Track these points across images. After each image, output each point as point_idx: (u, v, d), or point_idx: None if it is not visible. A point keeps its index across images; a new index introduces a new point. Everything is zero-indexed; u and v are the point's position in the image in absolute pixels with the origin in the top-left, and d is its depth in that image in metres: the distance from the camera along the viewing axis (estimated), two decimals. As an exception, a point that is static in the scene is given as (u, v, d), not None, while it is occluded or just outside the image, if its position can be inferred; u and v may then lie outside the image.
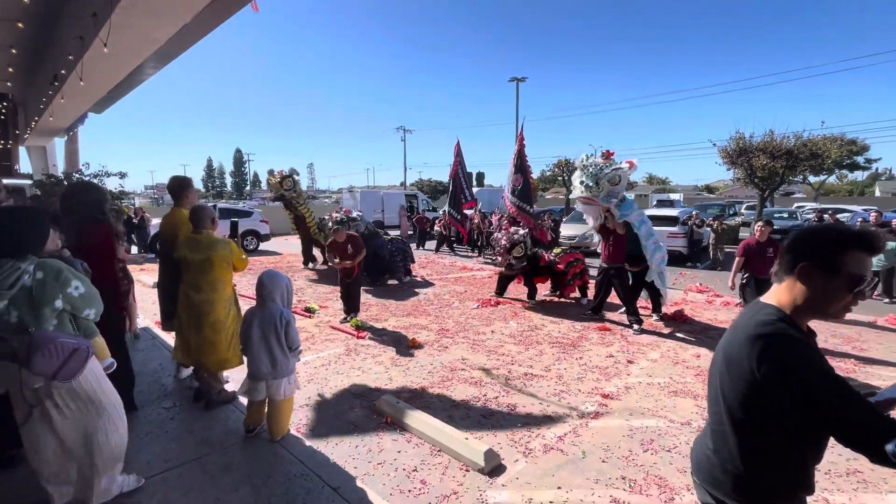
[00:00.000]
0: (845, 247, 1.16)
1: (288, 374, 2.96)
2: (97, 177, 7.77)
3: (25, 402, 2.07)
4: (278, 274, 3.05)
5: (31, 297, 2.03)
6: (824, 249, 1.18)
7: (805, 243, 1.22)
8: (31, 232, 2.12)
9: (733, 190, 44.09)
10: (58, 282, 2.09)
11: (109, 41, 4.71)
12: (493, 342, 5.36)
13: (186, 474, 2.60)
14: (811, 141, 14.48)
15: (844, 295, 1.17)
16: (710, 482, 1.32)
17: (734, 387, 1.23)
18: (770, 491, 1.24)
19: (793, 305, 1.23)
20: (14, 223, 2.07)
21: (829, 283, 1.17)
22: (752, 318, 1.26)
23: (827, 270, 1.17)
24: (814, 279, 1.18)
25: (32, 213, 2.24)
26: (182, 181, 3.77)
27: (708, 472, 1.33)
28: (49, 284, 2.06)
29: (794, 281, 1.22)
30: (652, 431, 3.35)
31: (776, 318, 1.21)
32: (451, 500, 2.55)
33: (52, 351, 1.97)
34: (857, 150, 28.15)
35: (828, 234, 1.20)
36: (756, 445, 1.23)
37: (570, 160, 24.26)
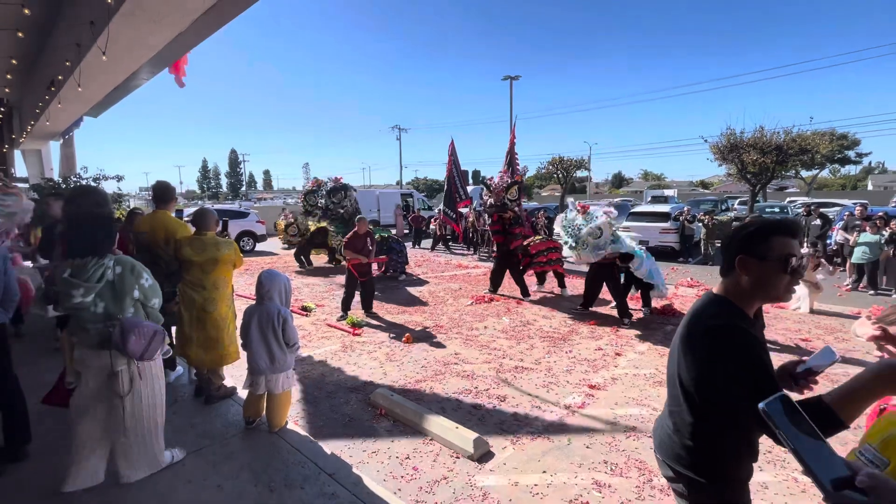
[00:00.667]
0: (768, 234, 1.31)
1: (286, 370, 3.09)
2: (95, 180, 7.87)
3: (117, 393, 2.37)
4: (277, 273, 3.18)
5: (113, 289, 2.36)
6: (751, 240, 1.33)
7: (736, 238, 1.38)
8: (107, 233, 2.45)
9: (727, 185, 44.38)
10: (133, 274, 2.43)
11: (107, 48, 4.82)
12: (485, 337, 5.51)
13: (189, 464, 2.73)
14: (800, 136, 14.67)
15: (781, 276, 1.32)
16: (672, 458, 1.47)
17: (688, 371, 1.38)
18: (723, 462, 1.40)
19: (739, 294, 1.38)
20: (94, 226, 2.39)
21: (764, 269, 1.32)
22: (704, 309, 1.41)
23: (758, 258, 1.32)
24: (750, 267, 1.33)
25: (105, 216, 2.58)
26: (168, 186, 3.91)
27: (669, 449, 1.48)
28: (127, 277, 2.39)
29: (737, 273, 1.37)
30: (635, 419, 3.51)
31: (723, 308, 1.36)
32: (442, 485, 2.70)
33: (140, 333, 2.31)
34: (847, 144, 28.46)
35: (752, 227, 1.36)
36: (708, 423, 1.38)
37: (565, 157, 24.39)
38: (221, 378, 3.68)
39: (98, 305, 2.33)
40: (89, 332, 2.34)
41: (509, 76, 28.07)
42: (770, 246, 1.30)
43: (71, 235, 2.39)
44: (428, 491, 2.64)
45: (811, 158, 15.87)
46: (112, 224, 2.54)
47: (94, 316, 2.32)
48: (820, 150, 15.47)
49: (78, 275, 2.29)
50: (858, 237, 8.57)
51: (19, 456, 2.69)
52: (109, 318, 2.35)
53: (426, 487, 2.67)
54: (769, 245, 1.30)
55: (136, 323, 2.34)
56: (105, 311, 2.34)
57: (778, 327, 5.89)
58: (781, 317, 6.39)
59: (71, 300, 2.27)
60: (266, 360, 3.00)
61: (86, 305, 2.29)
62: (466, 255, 13.47)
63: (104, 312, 2.34)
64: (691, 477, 1.41)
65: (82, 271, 2.30)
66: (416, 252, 13.62)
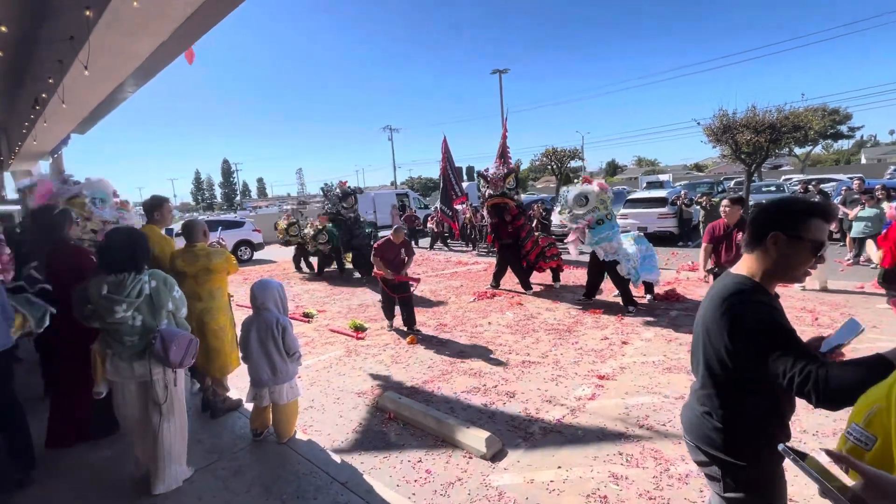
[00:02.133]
0: (809, 216, 1.30)
1: (289, 380, 3.04)
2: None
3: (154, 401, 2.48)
4: (269, 282, 3.11)
5: (151, 303, 2.48)
6: (791, 219, 1.31)
7: (774, 214, 1.36)
8: (143, 249, 2.56)
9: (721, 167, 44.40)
10: (167, 287, 2.55)
11: (89, 63, 4.73)
12: (490, 333, 5.46)
13: (198, 481, 2.67)
14: (793, 113, 14.57)
15: (809, 258, 1.31)
16: (704, 441, 1.44)
17: (714, 350, 1.36)
18: (756, 442, 1.37)
19: (762, 272, 1.37)
20: (131, 243, 2.50)
21: (795, 248, 1.31)
22: (724, 287, 1.39)
23: (794, 237, 1.30)
24: (781, 245, 1.32)
25: (139, 233, 2.67)
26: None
27: (700, 432, 1.46)
28: (162, 290, 2.51)
29: (764, 249, 1.34)
30: (647, 408, 3.46)
31: (746, 285, 1.35)
32: (456, 486, 2.65)
33: (179, 343, 2.43)
34: (839, 119, 28.46)
35: (795, 205, 1.33)
36: (739, 402, 1.36)
37: (558, 148, 24.31)
38: (226, 390, 3.63)
39: (136, 319, 2.43)
40: (125, 344, 2.43)
41: (498, 70, 27.93)
42: (808, 227, 1.29)
43: (108, 252, 2.46)
44: (443, 494, 2.60)
45: (804, 135, 15.78)
46: (146, 240, 2.61)
47: (132, 329, 2.43)
48: (813, 126, 15.38)
49: (117, 291, 2.38)
50: (858, 212, 8.55)
51: (24, 482, 2.63)
52: (147, 330, 2.46)
53: (440, 490, 2.63)
54: (807, 226, 1.29)
55: (174, 333, 2.47)
56: (143, 323, 2.45)
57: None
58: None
59: (113, 315, 2.36)
60: (268, 372, 2.95)
61: (125, 320, 2.39)
62: (466, 251, 13.42)
63: (142, 325, 2.45)
64: (724, 459, 1.39)
65: (121, 287, 2.39)
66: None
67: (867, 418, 1.02)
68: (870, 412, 1.02)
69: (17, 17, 5.07)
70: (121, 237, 2.53)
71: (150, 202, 3.66)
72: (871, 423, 1.01)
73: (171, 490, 2.56)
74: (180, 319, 2.65)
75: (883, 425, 0.98)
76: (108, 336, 2.45)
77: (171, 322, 2.58)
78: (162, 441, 2.53)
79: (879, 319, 5.08)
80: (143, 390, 2.52)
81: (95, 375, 2.50)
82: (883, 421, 0.99)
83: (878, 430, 0.99)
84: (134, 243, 2.50)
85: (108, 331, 2.44)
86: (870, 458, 0.83)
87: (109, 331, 2.43)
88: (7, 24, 4.87)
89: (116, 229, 2.83)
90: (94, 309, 2.38)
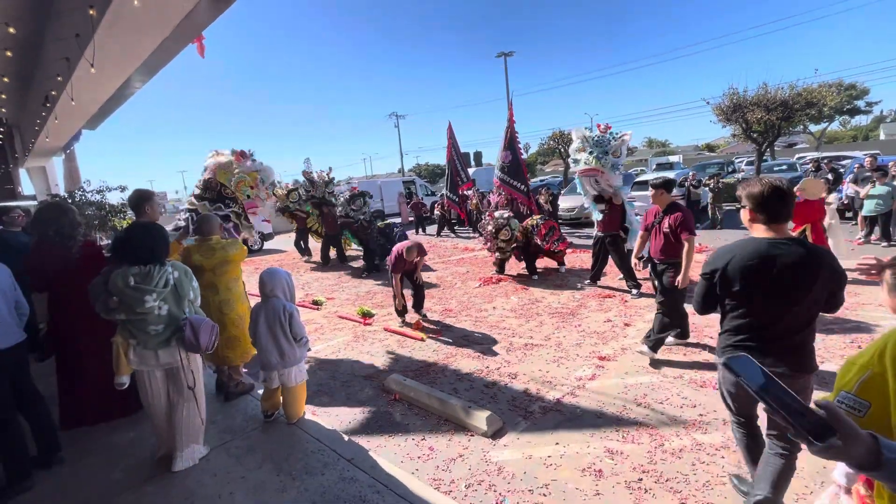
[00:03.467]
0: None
1: (297, 363, 3.16)
2: (100, 192, 7.97)
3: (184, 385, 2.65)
4: (277, 270, 3.23)
5: (176, 293, 2.61)
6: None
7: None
8: (164, 242, 2.68)
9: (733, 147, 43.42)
10: (188, 277, 2.69)
11: (95, 60, 4.83)
12: (494, 317, 5.56)
13: (213, 459, 2.83)
14: (806, 90, 14.25)
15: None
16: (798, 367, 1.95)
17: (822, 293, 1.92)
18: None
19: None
20: (153, 237, 2.62)
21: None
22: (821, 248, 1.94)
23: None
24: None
25: (158, 227, 2.81)
26: (141, 194, 3.52)
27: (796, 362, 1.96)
28: (184, 280, 2.65)
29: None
30: (645, 387, 3.54)
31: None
32: (458, 462, 2.77)
33: (205, 328, 2.59)
34: (856, 94, 27.56)
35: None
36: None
37: (566, 131, 24.03)
38: (240, 374, 3.79)
39: (163, 308, 2.55)
40: (150, 333, 2.55)
41: (503, 53, 27.57)
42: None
43: (132, 244, 2.57)
44: (444, 469, 2.72)
45: (819, 112, 15.42)
46: (165, 233, 2.74)
47: (158, 318, 2.54)
48: (827, 102, 15.03)
49: (145, 281, 2.49)
50: (870, 189, 8.39)
51: (51, 462, 2.81)
52: (172, 319, 2.59)
53: (442, 466, 2.75)
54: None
55: (201, 320, 2.62)
56: (168, 313, 2.57)
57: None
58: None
59: (143, 305, 2.48)
60: (276, 356, 3.08)
61: (153, 309, 2.51)
62: (472, 237, 13.46)
63: (167, 315, 2.57)
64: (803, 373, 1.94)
65: (148, 278, 2.50)
66: (420, 238, 13.63)
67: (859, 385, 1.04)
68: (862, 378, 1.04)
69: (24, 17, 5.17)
70: (142, 231, 2.64)
71: (138, 196, 3.42)
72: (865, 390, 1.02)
73: (188, 468, 2.72)
74: (197, 308, 2.79)
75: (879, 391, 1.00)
76: (132, 326, 2.56)
77: (192, 310, 2.72)
78: (183, 423, 2.69)
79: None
80: (166, 377, 2.68)
81: (117, 366, 2.61)
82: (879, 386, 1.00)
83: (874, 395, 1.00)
84: (156, 236, 2.64)
85: (132, 321, 2.54)
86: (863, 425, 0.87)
87: (134, 321, 2.53)
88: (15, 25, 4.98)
89: (136, 223, 2.94)
90: (119, 300, 2.48)
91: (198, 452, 2.80)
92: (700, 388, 3.44)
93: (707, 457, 2.64)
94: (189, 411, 2.70)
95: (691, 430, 2.92)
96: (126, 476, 2.71)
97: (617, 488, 2.45)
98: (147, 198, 3.42)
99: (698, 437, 2.84)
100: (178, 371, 2.65)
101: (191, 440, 2.75)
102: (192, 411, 2.72)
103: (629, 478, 2.52)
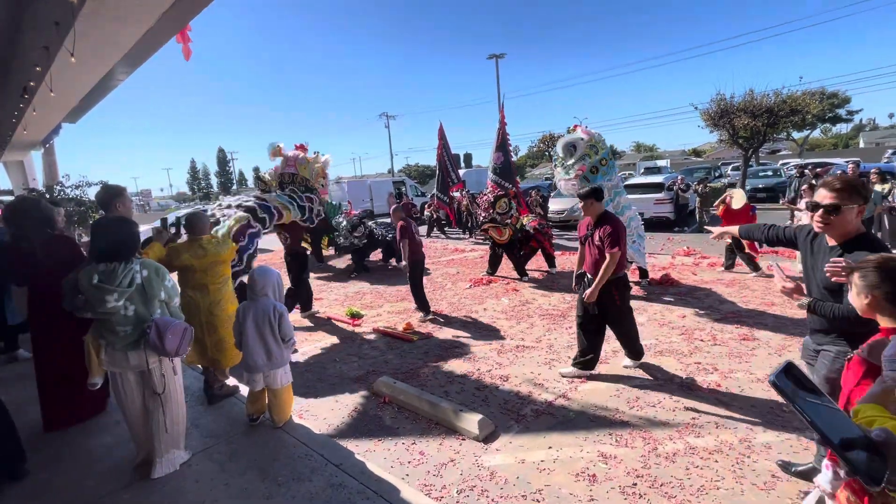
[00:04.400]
0: None
1: (283, 364, 3.07)
2: (78, 187, 7.73)
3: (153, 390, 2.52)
4: (269, 269, 3.13)
5: (143, 292, 2.45)
6: None
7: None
8: (132, 237, 2.51)
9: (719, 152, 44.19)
10: (158, 276, 2.52)
11: (75, 49, 4.66)
12: (485, 319, 5.51)
13: (196, 465, 2.72)
14: (790, 97, 14.54)
15: None
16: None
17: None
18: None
19: None
20: (119, 231, 2.47)
21: None
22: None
23: None
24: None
25: (128, 221, 2.61)
26: (109, 190, 3.33)
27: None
28: (154, 279, 2.49)
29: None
30: (637, 390, 3.52)
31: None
32: (449, 467, 2.71)
33: (174, 332, 2.44)
34: (838, 102, 28.28)
35: None
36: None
37: (556, 134, 24.18)
38: (225, 377, 3.67)
39: (129, 309, 2.42)
40: (119, 334, 2.44)
41: (494, 55, 27.60)
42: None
43: (97, 241, 2.44)
44: (435, 474, 2.65)
45: (802, 119, 15.74)
46: (135, 228, 2.58)
47: (125, 319, 2.42)
48: (811, 109, 15.33)
49: (108, 280, 2.36)
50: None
51: (17, 475, 2.65)
52: (140, 320, 2.45)
53: (433, 471, 2.68)
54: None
55: (169, 322, 2.47)
56: (136, 313, 2.44)
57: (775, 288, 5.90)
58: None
59: (105, 305, 2.34)
60: (263, 357, 2.98)
61: (117, 309, 2.38)
62: (462, 238, 13.42)
63: (134, 315, 2.44)
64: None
65: (112, 276, 2.37)
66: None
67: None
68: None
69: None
70: (109, 226, 2.52)
71: (108, 192, 3.24)
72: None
73: (169, 474, 2.61)
74: (174, 309, 2.65)
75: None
76: (102, 326, 2.46)
77: (165, 311, 2.58)
78: (160, 428, 2.56)
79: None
80: (141, 379, 2.55)
81: (90, 366, 2.52)
82: None
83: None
84: (123, 232, 2.48)
85: (101, 321, 2.45)
86: None
87: (103, 321, 2.44)
88: (-9, 11, 4.78)
89: (105, 218, 2.82)
90: (85, 299, 2.38)
91: (179, 458, 2.69)
92: (692, 392, 3.43)
93: (701, 461, 2.62)
94: (169, 416, 2.58)
95: (684, 433, 2.90)
96: (100, 483, 2.59)
97: (611, 493, 2.41)
98: (118, 193, 3.27)
99: (692, 440, 2.82)
100: (148, 375, 2.53)
101: (170, 445, 2.63)
102: (172, 416, 2.60)
103: (623, 482, 2.48)
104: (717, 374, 3.67)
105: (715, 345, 4.27)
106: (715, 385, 3.49)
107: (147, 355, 2.46)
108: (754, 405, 3.18)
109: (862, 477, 0.72)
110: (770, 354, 3.97)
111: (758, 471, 2.50)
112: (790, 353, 3.92)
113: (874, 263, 1.40)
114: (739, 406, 3.18)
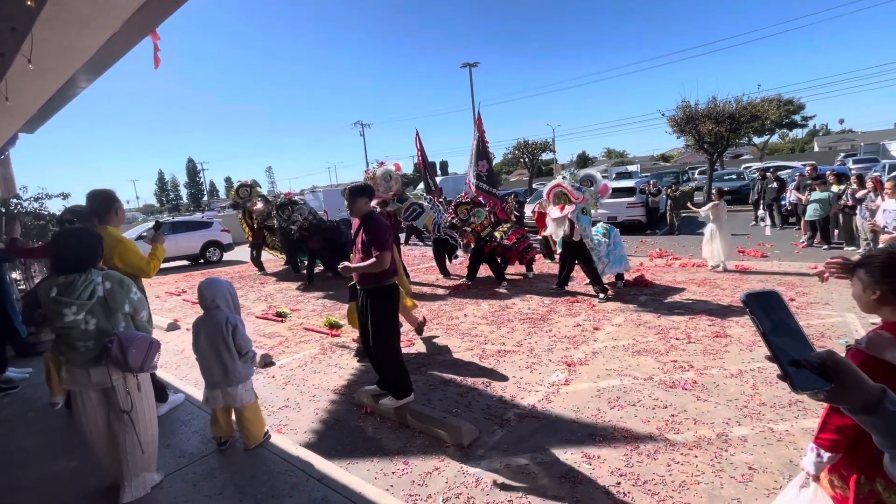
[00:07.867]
0: None
1: (243, 381, 2.88)
2: (38, 199, 7.33)
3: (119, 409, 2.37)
4: (217, 280, 2.96)
5: (105, 305, 2.33)
6: None
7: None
8: (92, 248, 2.40)
9: (686, 157, 45.90)
10: (122, 288, 2.40)
11: (33, 56, 4.44)
12: (466, 325, 5.50)
13: (168, 486, 2.60)
14: (750, 104, 15.23)
15: None
16: None
17: None
18: None
19: None
20: (78, 242, 2.36)
21: None
22: None
23: None
24: None
25: (89, 232, 2.52)
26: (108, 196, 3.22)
27: None
28: (118, 292, 2.37)
29: None
30: (618, 390, 3.57)
31: None
32: (434, 476, 2.67)
33: (138, 346, 2.32)
34: (793, 109, 29.84)
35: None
36: None
37: (530, 141, 24.59)
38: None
39: (89, 323, 2.29)
40: (79, 350, 2.30)
41: (468, 63, 27.95)
42: None
43: (55, 252, 2.35)
44: (420, 484, 2.61)
45: (762, 125, 16.51)
46: (96, 239, 2.47)
47: (86, 334, 2.29)
48: (769, 115, 16.11)
49: (66, 293, 2.25)
50: (810, 196, 9.02)
51: None
52: (102, 334, 2.33)
53: (418, 480, 2.64)
54: None
55: (132, 336, 2.34)
56: (97, 327, 2.32)
57: (744, 287, 6.13)
58: (744, 278, 6.66)
59: (62, 319, 2.24)
60: (219, 373, 2.81)
61: (77, 324, 2.27)
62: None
63: (96, 329, 2.31)
64: None
65: (70, 289, 2.25)
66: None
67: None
68: None
69: (-51, 6, 4.71)
70: (68, 236, 2.40)
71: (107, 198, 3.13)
72: None
73: (139, 498, 2.47)
74: (140, 322, 2.53)
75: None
76: (61, 342, 2.33)
77: (130, 325, 2.46)
78: (128, 449, 2.43)
79: (830, 297, 5.41)
80: (104, 397, 2.41)
81: (50, 385, 2.38)
82: None
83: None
84: (82, 243, 2.37)
85: (61, 336, 2.32)
86: None
87: (62, 336, 2.31)
88: (-61, 15, 4.51)
89: (65, 228, 2.70)
90: (43, 314, 2.25)
91: (150, 481, 2.55)
92: (670, 389, 3.50)
93: (681, 457, 2.67)
94: (137, 436, 2.43)
95: (664, 430, 2.96)
96: (65, 512, 2.44)
97: (596, 494, 2.42)
98: (116, 198, 3.22)
99: (671, 437, 2.88)
100: (112, 392, 2.39)
101: (140, 469, 2.49)
102: (141, 436, 2.45)
103: (607, 482, 2.50)
104: (692, 372, 3.77)
105: (690, 342, 4.38)
106: (691, 382, 3.58)
107: (110, 371, 2.33)
108: (730, 400, 3.27)
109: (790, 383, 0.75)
110: (742, 350, 4.11)
111: (735, 464, 2.57)
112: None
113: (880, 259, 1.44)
114: (715, 402, 3.27)
